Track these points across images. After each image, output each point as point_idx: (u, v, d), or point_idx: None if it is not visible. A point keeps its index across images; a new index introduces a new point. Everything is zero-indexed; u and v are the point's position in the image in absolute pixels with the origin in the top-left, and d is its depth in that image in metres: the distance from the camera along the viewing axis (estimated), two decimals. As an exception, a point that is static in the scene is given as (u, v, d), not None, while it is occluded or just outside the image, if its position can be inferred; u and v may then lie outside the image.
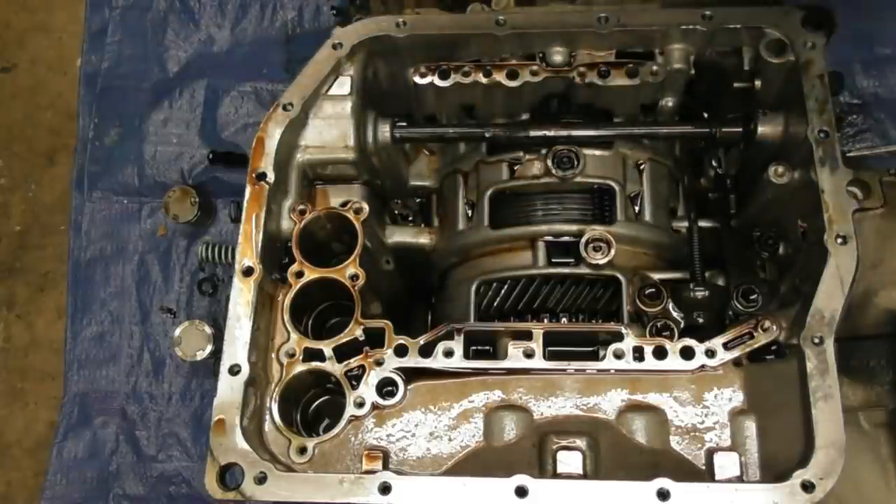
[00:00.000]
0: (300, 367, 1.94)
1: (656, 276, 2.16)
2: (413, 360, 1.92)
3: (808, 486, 1.66)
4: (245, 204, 2.01)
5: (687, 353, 1.89)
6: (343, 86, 2.18)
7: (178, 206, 3.31)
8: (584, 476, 1.86)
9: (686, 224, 2.32)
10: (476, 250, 2.27)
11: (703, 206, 2.40)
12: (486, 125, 2.29)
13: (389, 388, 1.92)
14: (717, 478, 1.83)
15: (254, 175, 2.04)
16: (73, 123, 3.72)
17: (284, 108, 2.10)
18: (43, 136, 3.87)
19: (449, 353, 1.92)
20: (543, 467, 1.90)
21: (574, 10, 2.34)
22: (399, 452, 1.90)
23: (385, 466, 1.85)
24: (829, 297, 1.80)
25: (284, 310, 1.99)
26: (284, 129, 2.08)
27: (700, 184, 2.46)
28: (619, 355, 1.89)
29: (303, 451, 1.87)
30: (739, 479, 1.82)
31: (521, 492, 1.70)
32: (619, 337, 1.91)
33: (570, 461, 1.87)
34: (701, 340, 1.89)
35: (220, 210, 3.47)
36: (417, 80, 2.27)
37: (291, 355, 1.95)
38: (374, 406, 1.90)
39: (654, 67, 2.21)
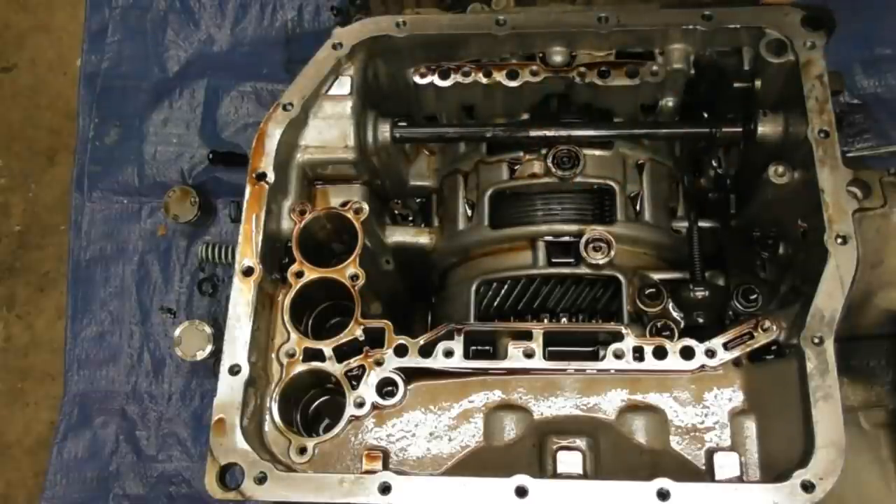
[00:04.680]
0: (300, 367, 1.94)
1: (656, 276, 2.16)
2: (413, 360, 1.92)
3: (808, 486, 1.66)
4: (245, 204, 2.01)
5: (687, 353, 1.89)
6: (343, 86, 2.18)
7: (178, 206, 3.32)
8: (584, 476, 1.86)
9: (686, 224, 2.32)
10: (476, 250, 2.27)
11: (703, 206, 2.40)
12: (486, 125, 2.30)
13: (389, 388, 1.92)
14: (717, 478, 1.83)
15: (254, 175, 2.04)
16: (73, 123, 3.73)
17: (284, 108, 2.10)
18: (43, 136, 3.87)
19: (449, 353, 1.92)
20: (543, 467, 1.90)
21: (574, 10, 2.34)
22: (399, 452, 1.90)
23: (385, 466, 1.85)
24: (829, 297, 1.80)
25: (284, 310, 1.99)
26: (284, 129, 2.08)
27: (700, 184, 2.46)
28: (619, 355, 1.89)
29: (303, 451, 1.87)
30: (739, 479, 1.82)
31: (521, 492, 1.70)
32: (619, 337, 1.91)
33: (570, 461, 1.87)
34: (701, 340, 1.89)
35: (220, 210, 3.47)
36: (417, 80, 2.27)
37: (291, 355, 1.95)
38: (374, 406, 1.90)
39: (654, 67, 2.21)
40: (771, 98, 2.15)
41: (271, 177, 2.04)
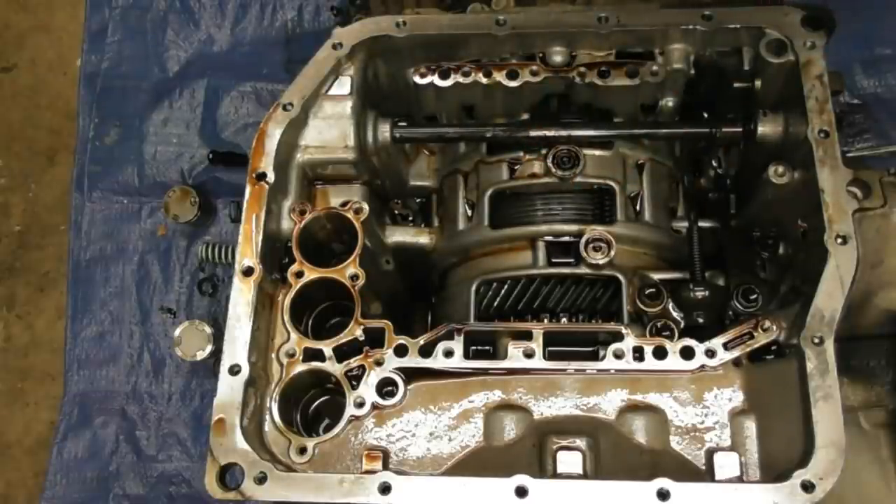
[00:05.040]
0: (300, 367, 1.94)
1: (656, 276, 2.16)
2: (413, 360, 1.92)
3: (808, 486, 1.66)
4: (245, 204, 2.01)
5: (687, 353, 1.89)
6: (343, 86, 2.18)
7: (178, 206, 3.32)
8: (584, 476, 1.86)
9: (686, 224, 2.32)
10: (476, 250, 2.27)
11: (703, 206, 2.40)
12: (486, 125, 2.30)
13: (389, 388, 1.92)
14: (717, 478, 1.83)
15: (254, 175, 2.04)
16: (73, 123, 3.73)
17: (284, 108, 2.10)
18: (43, 136, 3.87)
19: (449, 353, 1.92)
20: (543, 467, 1.90)
21: (574, 10, 2.34)
22: (399, 452, 1.90)
23: (385, 466, 1.85)
24: (829, 297, 1.80)
25: (284, 310, 1.99)
26: (284, 129, 2.08)
27: (700, 184, 2.46)
28: (619, 355, 1.89)
29: (303, 451, 1.87)
30: (739, 479, 1.82)
31: (521, 492, 1.70)
32: (619, 337, 1.91)
33: (570, 461, 1.87)
34: (701, 340, 1.89)
35: (220, 210, 3.47)
36: (417, 80, 2.27)
37: (291, 355, 1.95)
38: (374, 406, 1.90)
39: (654, 67, 2.21)
40: (771, 98, 2.15)
41: (271, 177, 2.04)
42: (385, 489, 1.73)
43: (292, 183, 2.13)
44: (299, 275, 2.01)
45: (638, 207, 2.24)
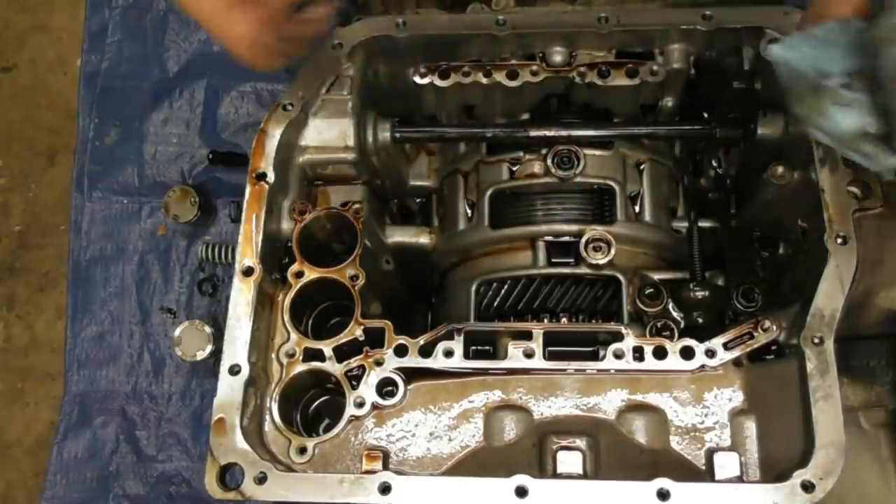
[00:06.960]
0: (300, 367, 1.94)
1: (656, 276, 2.16)
2: (413, 360, 1.92)
3: (808, 486, 1.66)
4: (245, 204, 2.01)
5: (687, 353, 1.89)
6: (343, 86, 2.18)
7: (178, 206, 3.32)
8: (584, 476, 1.86)
9: (686, 224, 2.32)
10: (476, 250, 2.27)
11: (703, 206, 2.40)
12: (486, 125, 2.30)
13: (389, 388, 1.92)
14: (717, 478, 1.83)
15: (254, 175, 2.04)
16: (73, 123, 3.73)
17: (284, 108, 2.10)
18: (43, 136, 3.87)
19: (449, 353, 1.92)
20: (543, 467, 1.90)
21: (574, 10, 2.34)
22: (399, 452, 1.90)
23: (385, 466, 1.85)
24: (829, 297, 1.80)
25: (284, 310, 1.99)
26: (284, 129, 2.08)
27: (700, 184, 2.46)
28: (619, 355, 1.89)
29: (303, 451, 1.87)
30: (739, 479, 1.82)
31: (521, 492, 1.70)
32: (619, 337, 1.91)
33: (570, 461, 1.87)
34: (701, 340, 1.89)
35: (220, 210, 3.47)
36: (417, 80, 2.27)
37: (291, 355, 1.95)
38: (374, 406, 1.90)
39: (654, 67, 2.21)
40: (771, 98, 2.15)
41: (271, 177, 2.04)
42: (385, 489, 1.73)
43: (292, 183, 2.13)
44: (299, 275, 2.01)
45: (638, 207, 2.24)
